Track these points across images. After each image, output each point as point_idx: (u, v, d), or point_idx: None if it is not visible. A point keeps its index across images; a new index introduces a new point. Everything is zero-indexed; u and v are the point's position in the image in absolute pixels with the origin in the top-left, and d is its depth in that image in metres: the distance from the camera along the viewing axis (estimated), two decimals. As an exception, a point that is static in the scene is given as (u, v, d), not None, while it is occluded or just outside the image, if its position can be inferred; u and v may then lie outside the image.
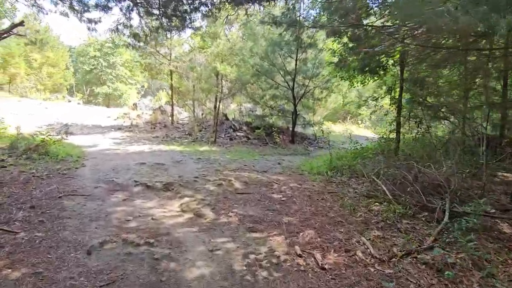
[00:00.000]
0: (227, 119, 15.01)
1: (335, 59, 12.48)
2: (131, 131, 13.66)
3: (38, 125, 12.74)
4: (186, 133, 13.60)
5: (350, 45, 8.60)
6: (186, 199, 5.56)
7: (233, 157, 9.55)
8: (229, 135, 13.58)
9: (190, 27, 8.04)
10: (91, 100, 43.19)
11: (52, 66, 32.05)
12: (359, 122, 23.15)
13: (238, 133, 13.87)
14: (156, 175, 6.85)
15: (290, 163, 9.31)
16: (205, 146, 11.30)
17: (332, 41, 11.10)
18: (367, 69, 8.85)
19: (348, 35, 8.05)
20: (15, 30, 8.38)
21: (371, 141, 10.31)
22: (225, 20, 12.58)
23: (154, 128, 14.31)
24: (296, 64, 13.18)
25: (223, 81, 11.94)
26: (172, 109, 14.98)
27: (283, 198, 5.83)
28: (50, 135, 8.58)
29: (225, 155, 9.94)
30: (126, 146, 10.32)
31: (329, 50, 12.47)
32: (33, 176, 5.95)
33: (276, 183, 6.77)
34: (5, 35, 7.78)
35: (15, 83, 22.58)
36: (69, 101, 26.85)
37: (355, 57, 8.85)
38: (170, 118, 15.15)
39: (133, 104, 19.01)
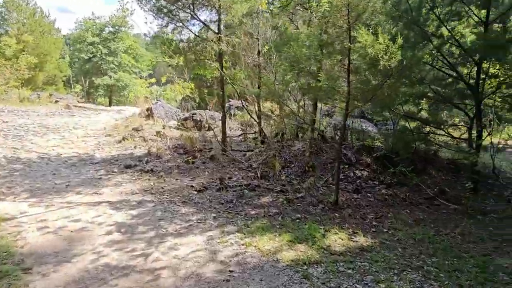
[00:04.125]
0: (324, 140, 8.80)
1: None
2: (151, 172, 7.64)
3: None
4: (258, 174, 7.47)
5: None
6: None
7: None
8: (344, 176, 7.40)
9: None
10: (92, 92, 38.89)
11: (43, 55, 27.16)
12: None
13: (358, 172, 7.69)
14: None
15: None
16: (332, 229, 5.14)
17: None
18: None
19: None
20: None
21: None
22: None
23: (192, 161, 8.25)
24: (486, 28, 6.84)
25: (351, 72, 5.70)
26: (224, 124, 8.82)
27: None
28: None
29: None
30: (148, 251, 4.28)
31: None
32: None
33: None
34: None
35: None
36: (57, 102, 21.12)
37: None
38: (219, 136, 9.05)
39: (147, 110, 12.92)
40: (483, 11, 6.97)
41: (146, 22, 27.34)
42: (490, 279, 3.95)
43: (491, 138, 8.24)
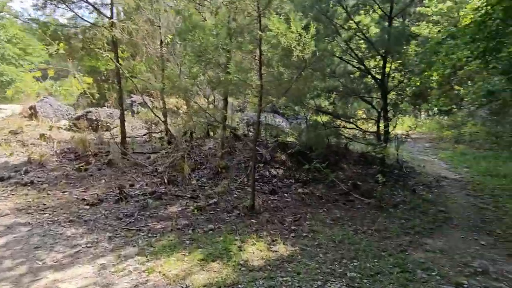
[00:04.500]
0: (236, 138, 8.29)
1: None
2: (30, 185, 6.29)
3: None
4: (164, 180, 6.63)
5: None
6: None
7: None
8: (259, 176, 6.97)
9: None
10: (-32, 89, 32.95)
11: None
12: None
13: (274, 171, 7.35)
14: None
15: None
16: (249, 239, 4.63)
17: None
18: None
19: None
20: None
21: None
22: None
23: (85, 168, 7.05)
24: (390, 22, 6.99)
25: (263, 64, 5.26)
26: (123, 123, 7.73)
27: None
28: None
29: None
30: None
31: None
32: None
33: None
34: None
35: None
36: None
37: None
38: (119, 137, 7.93)
39: (31, 109, 10.96)
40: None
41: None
42: (411, 278, 3.82)
43: (395, 130, 8.61)
